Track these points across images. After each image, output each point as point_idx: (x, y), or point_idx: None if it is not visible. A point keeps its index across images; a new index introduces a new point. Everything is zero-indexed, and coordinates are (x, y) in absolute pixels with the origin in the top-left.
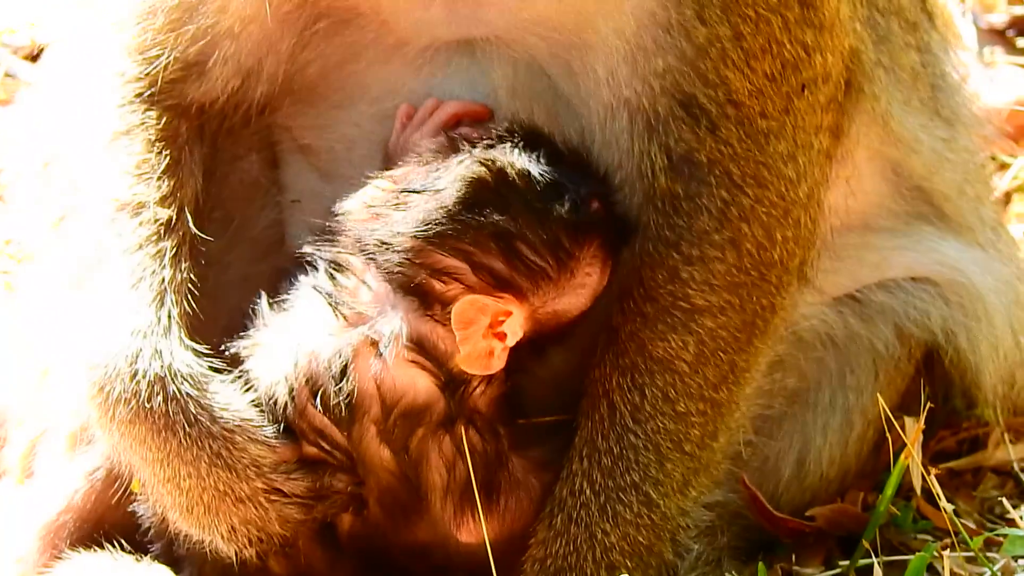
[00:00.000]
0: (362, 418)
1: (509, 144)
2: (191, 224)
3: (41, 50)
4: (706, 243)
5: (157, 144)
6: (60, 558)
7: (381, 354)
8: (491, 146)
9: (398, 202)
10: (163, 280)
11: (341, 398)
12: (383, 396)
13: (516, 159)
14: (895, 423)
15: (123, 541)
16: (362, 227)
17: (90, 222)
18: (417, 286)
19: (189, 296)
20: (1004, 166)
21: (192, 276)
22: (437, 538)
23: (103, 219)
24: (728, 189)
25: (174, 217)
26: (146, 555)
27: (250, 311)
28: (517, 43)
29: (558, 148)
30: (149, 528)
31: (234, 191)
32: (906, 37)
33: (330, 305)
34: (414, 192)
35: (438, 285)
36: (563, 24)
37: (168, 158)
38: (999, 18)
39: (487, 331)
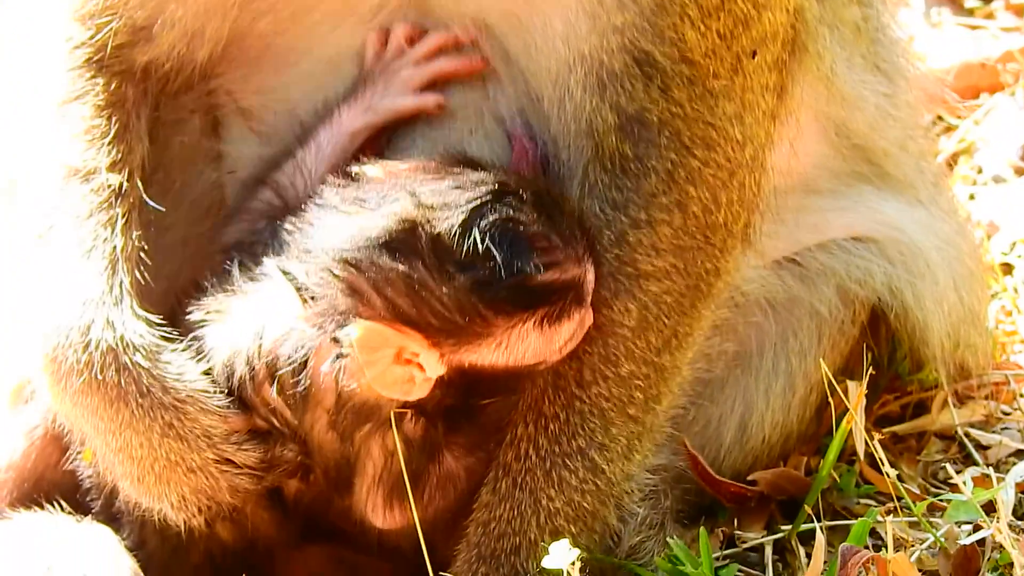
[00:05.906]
0: (315, 408)
1: (466, 193)
2: (141, 190)
3: None
4: (654, 206)
5: (106, 110)
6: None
7: (342, 353)
8: (442, 191)
9: (347, 209)
10: (115, 248)
11: (298, 387)
12: (339, 392)
13: (452, 214)
14: (837, 387)
15: (63, 501)
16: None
17: (40, 187)
18: (336, 298)
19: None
20: (950, 128)
21: (143, 244)
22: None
23: (53, 185)
24: (677, 151)
25: (125, 182)
26: (86, 514)
27: (200, 274)
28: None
29: (545, 204)
30: (89, 488)
31: (175, 154)
32: None
33: (300, 297)
34: (362, 205)
35: (352, 302)
36: None
37: (117, 123)
38: None
39: (398, 360)
